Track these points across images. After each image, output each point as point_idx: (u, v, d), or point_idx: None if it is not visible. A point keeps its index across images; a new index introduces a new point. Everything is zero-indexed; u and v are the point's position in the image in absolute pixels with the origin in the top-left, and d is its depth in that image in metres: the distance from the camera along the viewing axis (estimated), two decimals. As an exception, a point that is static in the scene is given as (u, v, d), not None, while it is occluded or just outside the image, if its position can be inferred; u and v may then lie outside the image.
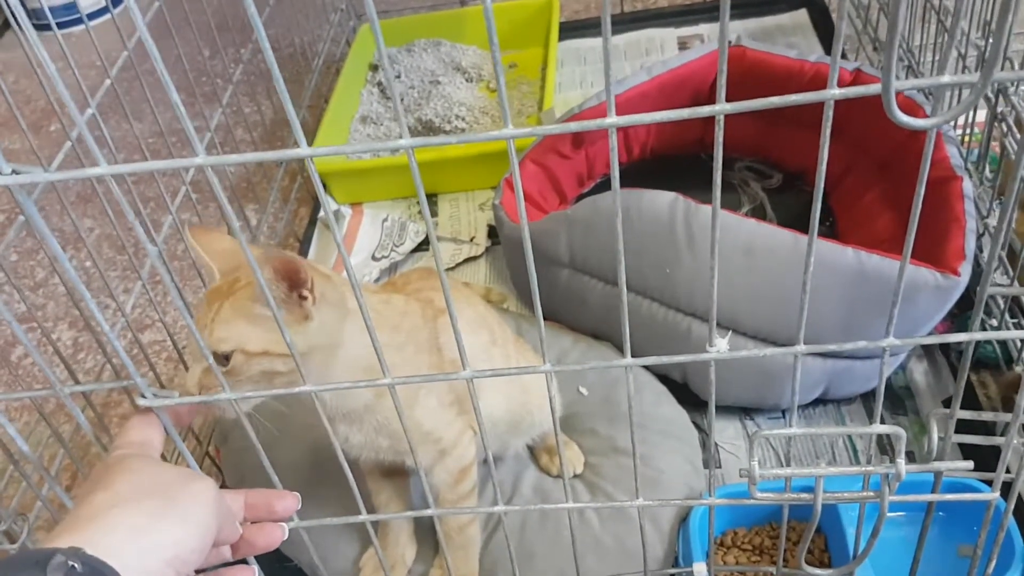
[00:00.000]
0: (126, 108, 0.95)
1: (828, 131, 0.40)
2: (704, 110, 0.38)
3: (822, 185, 0.42)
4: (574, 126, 0.39)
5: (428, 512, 0.62)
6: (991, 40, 1.01)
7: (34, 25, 0.43)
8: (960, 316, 1.06)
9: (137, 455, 0.53)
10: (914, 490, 0.84)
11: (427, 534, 0.92)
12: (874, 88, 0.37)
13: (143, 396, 0.53)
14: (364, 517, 0.61)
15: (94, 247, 1.56)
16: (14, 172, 0.41)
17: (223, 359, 0.61)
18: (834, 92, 0.38)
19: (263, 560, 0.62)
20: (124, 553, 0.45)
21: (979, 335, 0.50)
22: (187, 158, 0.41)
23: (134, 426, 0.55)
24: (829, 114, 0.39)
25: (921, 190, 0.42)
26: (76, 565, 0.42)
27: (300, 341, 0.62)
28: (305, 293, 0.62)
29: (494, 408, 0.84)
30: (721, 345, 0.50)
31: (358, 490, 0.60)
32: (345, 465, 0.58)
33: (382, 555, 0.66)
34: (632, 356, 0.51)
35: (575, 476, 0.96)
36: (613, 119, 0.38)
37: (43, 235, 0.43)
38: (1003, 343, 1.02)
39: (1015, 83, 0.94)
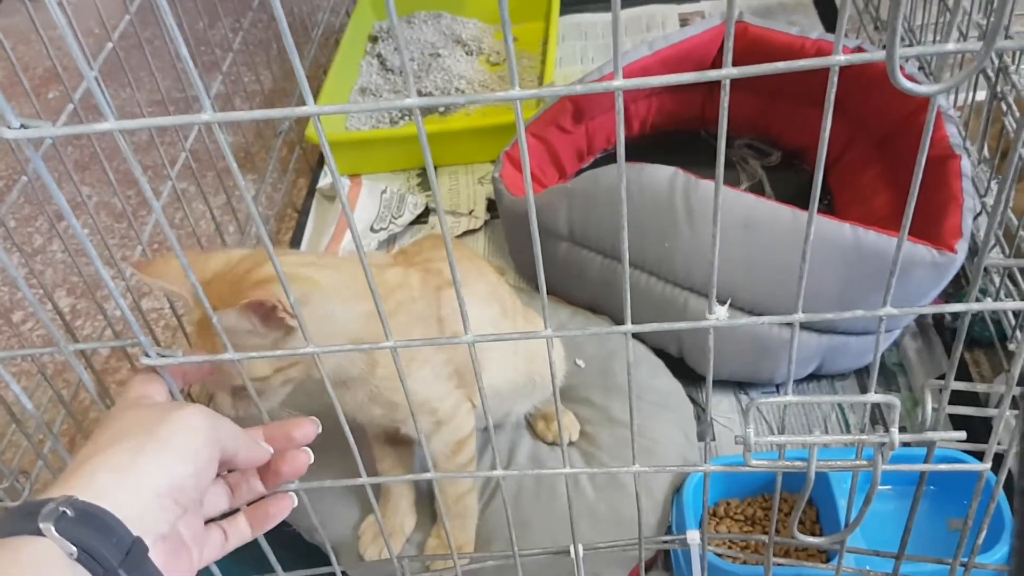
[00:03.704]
0: (128, 74, 0.95)
1: (832, 98, 0.40)
2: (711, 74, 0.38)
3: (824, 153, 0.42)
4: (580, 88, 0.40)
5: (427, 476, 0.63)
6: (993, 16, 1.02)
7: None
8: (955, 294, 1.07)
9: (125, 406, 0.53)
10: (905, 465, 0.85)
11: (426, 505, 0.93)
12: (879, 55, 0.38)
13: (147, 355, 0.54)
14: (364, 480, 0.62)
15: (92, 214, 1.56)
16: (23, 127, 0.41)
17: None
18: (839, 59, 0.38)
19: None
20: (111, 493, 0.45)
21: (976, 306, 0.50)
22: (194, 115, 0.41)
23: (133, 384, 0.55)
24: (834, 80, 0.39)
25: (922, 159, 0.43)
26: (67, 511, 0.42)
27: (295, 346, 0.63)
28: (281, 315, 0.62)
29: (498, 379, 0.85)
30: (720, 313, 0.51)
31: (360, 455, 0.60)
32: (346, 427, 0.58)
33: (382, 521, 0.67)
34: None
35: (570, 444, 0.96)
36: (620, 82, 0.38)
37: (51, 189, 0.44)
38: (998, 322, 1.03)
39: (1015, 61, 0.94)
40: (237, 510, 0.58)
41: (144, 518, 0.45)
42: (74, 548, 0.42)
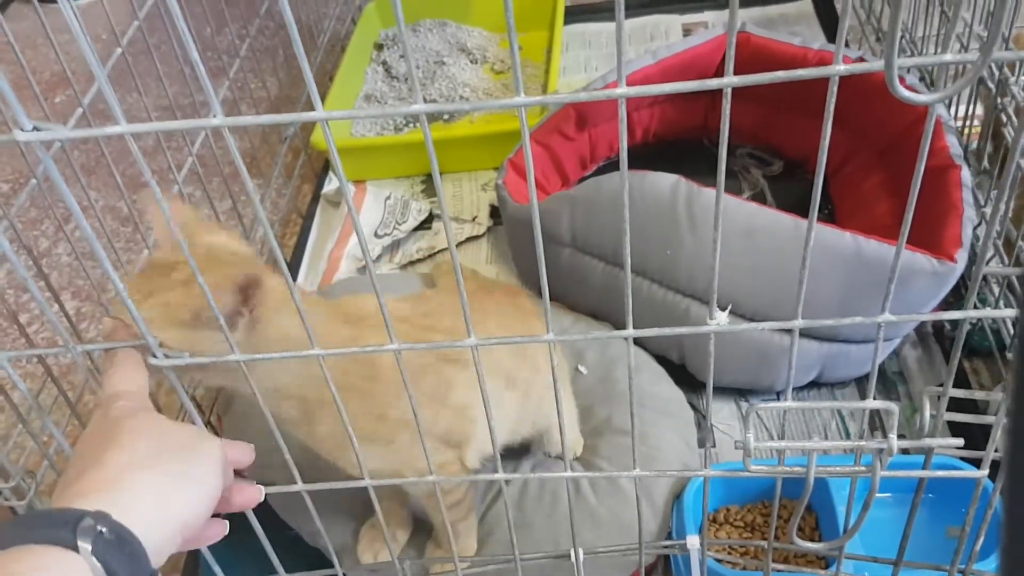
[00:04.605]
0: (136, 79, 0.96)
1: (832, 107, 0.41)
2: (713, 82, 0.39)
3: (824, 161, 0.43)
4: (585, 95, 0.40)
5: (428, 479, 0.63)
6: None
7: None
8: (955, 304, 1.07)
9: (142, 410, 0.52)
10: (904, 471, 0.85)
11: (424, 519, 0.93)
12: (878, 65, 0.38)
13: (154, 356, 0.54)
14: (367, 482, 0.62)
15: (100, 217, 1.57)
16: (35, 129, 0.42)
17: None
18: (839, 68, 0.39)
19: (265, 526, 0.63)
20: (145, 519, 0.46)
21: (973, 313, 0.51)
22: (204, 119, 0.42)
23: (122, 370, 0.55)
24: (834, 89, 0.40)
25: (921, 168, 0.43)
26: (104, 530, 0.43)
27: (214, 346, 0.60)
28: (244, 312, 0.61)
29: (501, 430, 0.84)
30: (721, 318, 0.51)
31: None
32: (350, 430, 0.59)
33: (383, 522, 0.67)
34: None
35: (574, 459, 0.97)
36: (623, 90, 0.39)
37: (62, 191, 0.44)
38: (996, 331, 1.04)
39: (1016, 73, 0.95)
40: None
41: (160, 551, 0.47)
42: (104, 573, 0.42)
